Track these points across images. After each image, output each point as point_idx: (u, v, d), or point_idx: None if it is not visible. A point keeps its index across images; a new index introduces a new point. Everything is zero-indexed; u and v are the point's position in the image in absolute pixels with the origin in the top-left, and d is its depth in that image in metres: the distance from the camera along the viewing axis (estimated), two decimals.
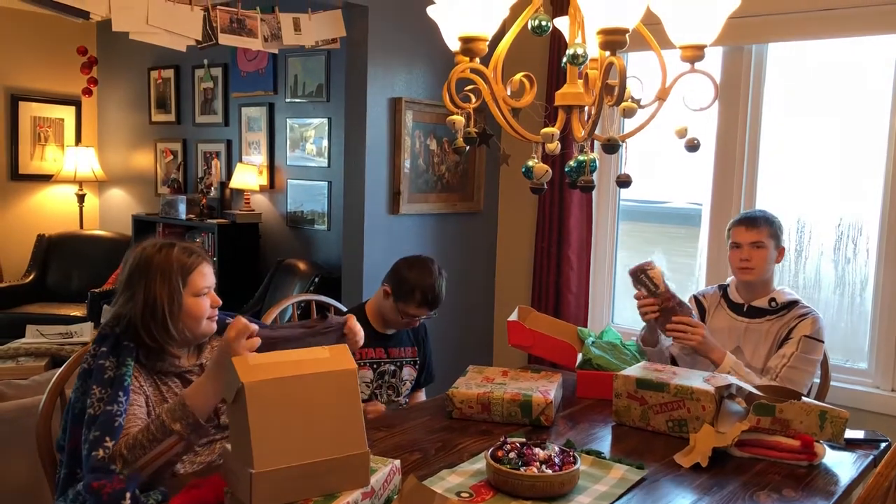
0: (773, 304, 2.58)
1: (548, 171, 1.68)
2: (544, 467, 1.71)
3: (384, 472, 1.61)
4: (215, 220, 5.13)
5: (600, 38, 1.45)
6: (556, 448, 1.80)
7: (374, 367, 2.60)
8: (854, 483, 1.90)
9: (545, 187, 1.73)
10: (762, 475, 1.88)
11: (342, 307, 2.96)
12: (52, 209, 6.20)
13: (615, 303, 4.05)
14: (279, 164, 5.20)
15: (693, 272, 3.78)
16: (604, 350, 2.60)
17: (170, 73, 5.81)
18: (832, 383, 2.79)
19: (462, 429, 2.16)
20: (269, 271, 4.95)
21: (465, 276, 4.19)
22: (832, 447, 2.03)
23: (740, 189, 3.48)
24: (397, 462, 1.68)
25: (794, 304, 2.58)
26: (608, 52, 1.46)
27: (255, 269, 5.19)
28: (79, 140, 6.27)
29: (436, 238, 4.00)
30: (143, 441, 1.66)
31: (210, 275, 1.92)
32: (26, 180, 6.05)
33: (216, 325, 1.94)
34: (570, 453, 1.78)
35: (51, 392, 1.98)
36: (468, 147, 1.76)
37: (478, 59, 1.61)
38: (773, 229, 2.59)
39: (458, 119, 1.72)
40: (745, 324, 2.60)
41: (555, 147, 1.69)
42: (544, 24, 1.61)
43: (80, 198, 6.11)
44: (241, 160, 5.35)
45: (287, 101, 5.07)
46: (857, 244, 3.30)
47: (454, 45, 1.64)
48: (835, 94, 3.32)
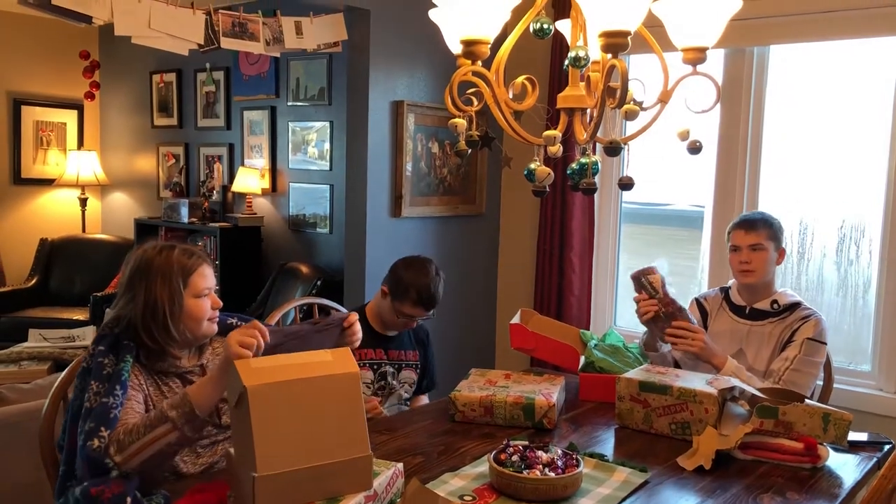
0: (776, 306, 2.57)
1: (550, 173, 1.69)
2: (547, 470, 1.71)
3: (387, 475, 1.61)
4: (217, 224, 5.13)
5: (602, 41, 1.45)
6: (559, 451, 1.79)
7: (375, 367, 2.60)
8: (858, 485, 1.90)
9: (547, 190, 1.73)
10: (765, 478, 1.88)
11: (343, 310, 2.96)
12: (55, 213, 6.21)
13: (617, 305, 4.04)
14: (281, 168, 5.20)
15: (695, 275, 3.77)
16: (606, 353, 2.60)
17: (172, 77, 5.81)
18: (835, 385, 2.79)
19: (465, 432, 2.16)
20: (271, 275, 4.95)
21: (468, 279, 4.19)
22: (835, 449, 2.03)
23: (742, 191, 3.48)
24: (400, 465, 1.68)
25: (796, 305, 2.57)
26: (610, 55, 1.46)
27: (257, 273, 5.20)
28: (81, 144, 6.28)
29: (438, 241, 4.00)
30: (140, 427, 1.66)
31: (210, 276, 1.92)
32: (29, 184, 6.06)
33: (217, 326, 1.95)
34: (573, 456, 1.78)
35: (53, 396, 1.99)
36: (470, 150, 1.76)
37: (480, 62, 1.61)
38: (772, 231, 2.58)
39: (460, 122, 1.72)
40: (747, 326, 2.60)
41: (557, 150, 1.69)
42: (546, 26, 1.61)
43: (83, 202, 6.12)
44: (243, 164, 5.35)
45: (289, 104, 5.07)
46: (859, 246, 3.29)
47: (456, 48, 1.64)
48: (837, 95, 3.32)
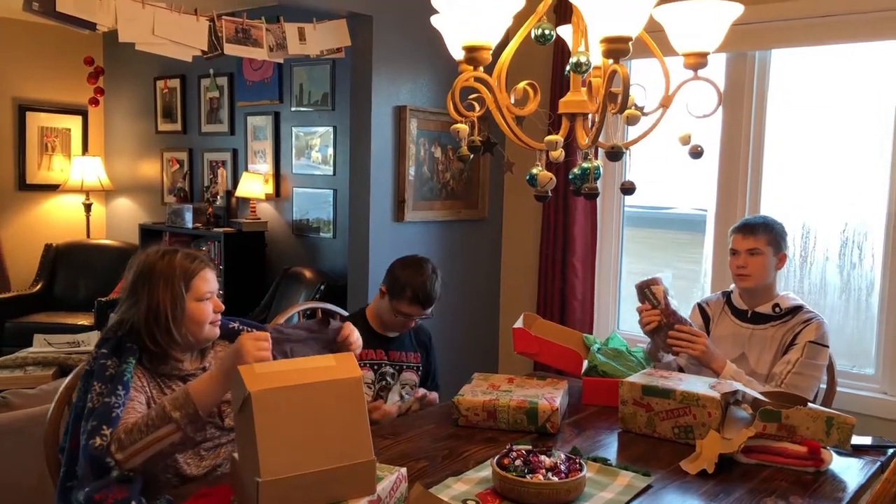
0: (777, 309, 2.57)
1: (552, 178, 1.69)
2: (550, 475, 1.71)
3: (390, 479, 1.61)
4: (221, 229, 5.14)
5: (603, 47, 1.46)
6: (563, 455, 1.80)
7: (375, 368, 2.61)
8: (861, 489, 1.90)
9: (549, 195, 1.74)
10: (769, 481, 1.88)
11: (345, 313, 2.97)
12: (60, 218, 6.22)
13: (620, 309, 4.04)
14: (285, 173, 5.21)
15: (698, 278, 3.77)
16: (609, 357, 2.60)
17: (176, 83, 5.83)
18: (839, 389, 2.78)
19: (468, 436, 2.16)
20: (275, 279, 4.96)
21: (470, 284, 4.19)
22: (839, 453, 2.02)
23: (744, 195, 3.48)
24: (403, 470, 1.68)
25: (798, 309, 2.57)
26: (611, 60, 1.47)
27: (261, 278, 5.20)
28: (85, 150, 6.30)
29: (441, 245, 4.01)
30: (142, 426, 1.67)
31: (212, 280, 1.93)
32: (33, 190, 6.08)
33: (219, 329, 1.95)
34: (577, 460, 1.78)
35: (58, 401, 1.99)
36: (472, 155, 1.77)
37: (482, 68, 1.61)
38: (772, 236, 2.57)
39: (463, 127, 1.73)
40: (749, 330, 2.60)
41: (559, 155, 1.69)
42: (548, 32, 1.62)
43: (87, 207, 6.13)
44: (246, 169, 5.37)
45: (292, 109, 5.09)
46: (862, 249, 3.29)
47: (458, 53, 1.65)
48: (838, 99, 3.32)
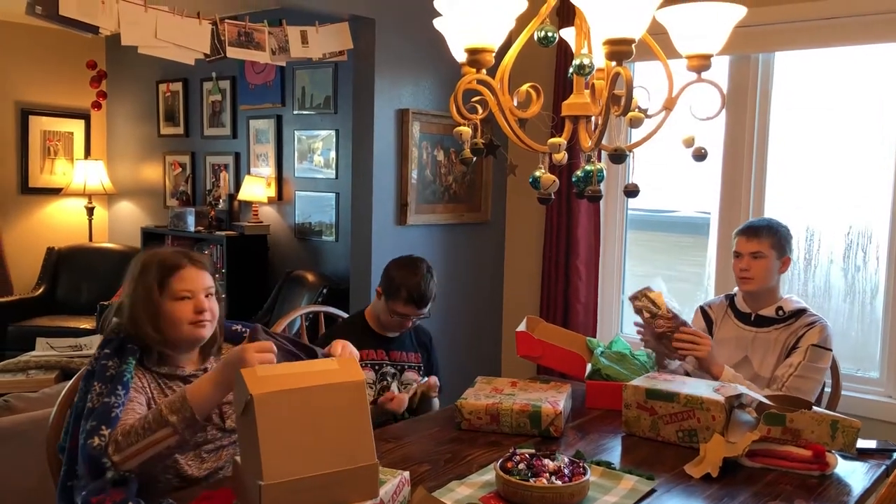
0: (781, 312, 2.56)
1: (555, 181, 1.69)
2: (554, 478, 1.70)
3: (393, 483, 1.60)
4: (224, 233, 5.15)
5: (606, 49, 1.45)
6: (566, 459, 1.79)
7: (376, 368, 2.61)
8: (866, 493, 1.89)
9: (552, 197, 1.73)
10: (773, 485, 1.87)
11: (345, 315, 2.97)
12: (62, 222, 6.23)
13: (624, 312, 4.03)
14: (287, 176, 5.21)
15: (702, 281, 3.76)
16: (613, 360, 2.59)
17: (178, 87, 5.84)
18: (843, 392, 2.77)
19: (471, 440, 2.15)
20: (277, 283, 4.96)
21: (473, 287, 4.19)
22: (844, 457, 2.02)
23: (748, 197, 3.48)
24: (406, 473, 1.68)
25: (801, 312, 2.56)
26: (614, 63, 1.46)
27: (263, 281, 5.20)
28: (88, 153, 6.31)
29: (443, 248, 4.00)
30: (139, 429, 1.67)
31: (194, 280, 1.88)
32: (36, 194, 6.08)
33: (208, 331, 1.90)
34: (580, 464, 1.77)
35: (61, 404, 1.99)
36: (475, 158, 1.76)
37: (484, 71, 1.61)
38: (776, 239, 2.56)
39: (465, 130, 1.72)
40: (752, 333, 2.59)
41: (562, 157, 1.69)
42: (550, 34, 1.62)
43: (90, 211, 6.14)
44: (249, 172, 5.37)
45: (295, 113, 5.09)
46: (866, 252, 3.28)
47: (461, 56, 1.64)
48: (842, 102, 3.31)
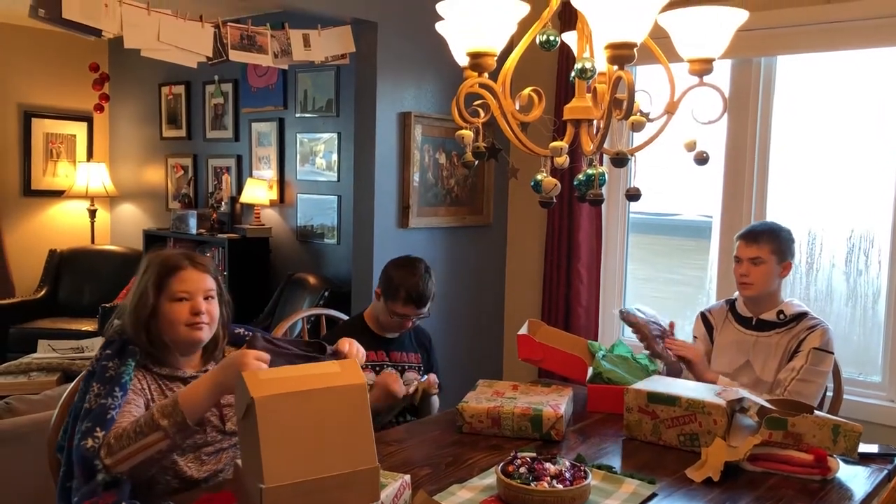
0: (782, 316, 2.56)
1: (557, 184, 1.69)
2: (555, 482, 1.70)
3: (394, 487, 1.60)
4: (226, 235, 5.15)
5: (608, 53, 1.46)
6: (567, 463, 1.79)
7: (377, 369, 2.61)
8: (868, 498, 1.88)
9: (554, 201, 1.73)
10: (775, 490, 1.87)
11: (345, 317, 2.97)
12: (64, 224, 6.23)
13: None
14: (289, 179, 5.22)
15: (703, 285, 3.76)
16: (614, 364, 2.59)
17: (180, 89, 5.85)
18: (845, 397, 2.77)
19: (472, 443, 2.15)
20: (279, 285, 4.96)
21: (475, 290, 4.19)
22: (845, 461, 2.01)
23: (750, 201, 3.48)
24: (407, 477, 1.68)
25: (802, 316, 2.56)
26: (616, 67, 1.47)
27: (265, 284, 5.20)
28: (90, 156, 6.32)
29: (445, 252, 4.00)
30: (131, 432, 1.67)
31: (193, 281, 1.87)
32: (38, 196, 6.09)
33: (206, 334, 1.90)
34: (581, 468, 1.77)
35: (62, 406, 1.99)
36: (477, 161, 1.77)
37: (486, 74, 1.61)
38: (776, 244, 2.56)
39: (467, 133, 1.72)
40: (753, 337, 2.59)
41: (563, 161, 1.69)
42: (552, 38, 1.62)
43: (92, 213, 6.15)
44: (251, 175, 5.37)
45: (297, 116, 5.09)
46: (868, 256, 3.28)
47: (463, 60, 1.65)
48: (844, 105, 3.31)
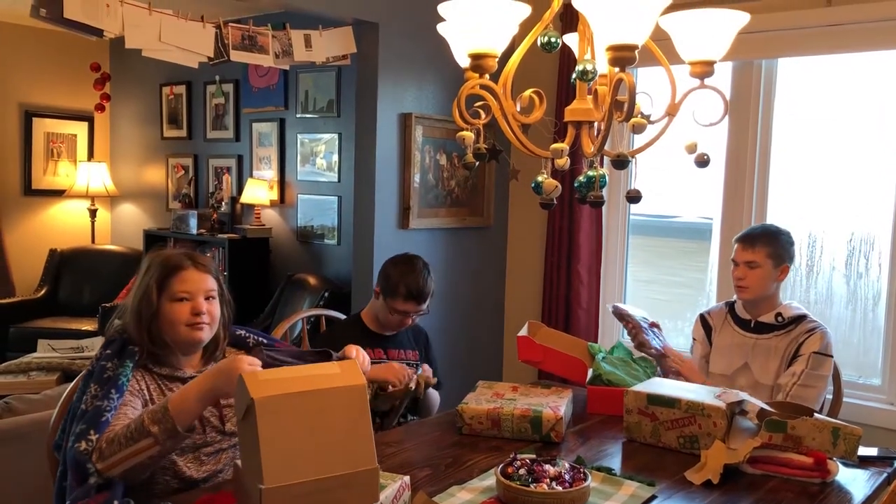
0: (780, 319, 2.56)
1: (557, 186, 1.69)
2: (554, 484, 1.70)
3: (394, 488, 1.60)
4: (226, 235, 5.15)
5: (609, 55, 1.46)
6: (567, 464, 1.79)
7: None
8: (867, 501, 1.88)
9: (555, 203, 1.73)
10: (774, 492, 1.86)
11: (342, 317, 2.97)
12: (65, 224, 6.24)
13: None
14: (290, 179, 5.22)
15: (703, 287, 3.76)
16: (614, 365, 2.59)
17: (181, 89, 5.85)
18: (845, 399, 2.77)
19: (472, 445, 2.15)
20: (279, 286, 4.96)
21: (475, 291, 4.19)
22: (845, 464, 2.01)
23: (751, 203, 3.48)
24: (407, 478, 1.67)
25: (801, 318, 2.56)
26: (617, 68, 1.47)
27: (265, 284, 5.21)
28: (91, 155, 6.32)
29: (446, 253, 4.00)
30: (122, 437, 1.66)
31: (193, 281, 1.87)
32: (39, 195, 6.09)
33: (207, 334, 1.90)
34: (581, 470, 1.77)
35: (62, 406, 1.99)
36: (478, 162, 1.77)
37: (487, 76, 1.61)
38: (773, 248, 2.55)
39: (468, 135, 1.72)
40: (752, 339, 2.59)
41: (564, 163, 1.69)
42: (554, 40, 1.62)
43: (92, 213, 6.15)
44: (251, 175, 5.37)
45: (298, 116, 5.10)
46: (869, 259, 3.28)
47: (464, 61, 1.64)
48: (845, 108, 3.31)
